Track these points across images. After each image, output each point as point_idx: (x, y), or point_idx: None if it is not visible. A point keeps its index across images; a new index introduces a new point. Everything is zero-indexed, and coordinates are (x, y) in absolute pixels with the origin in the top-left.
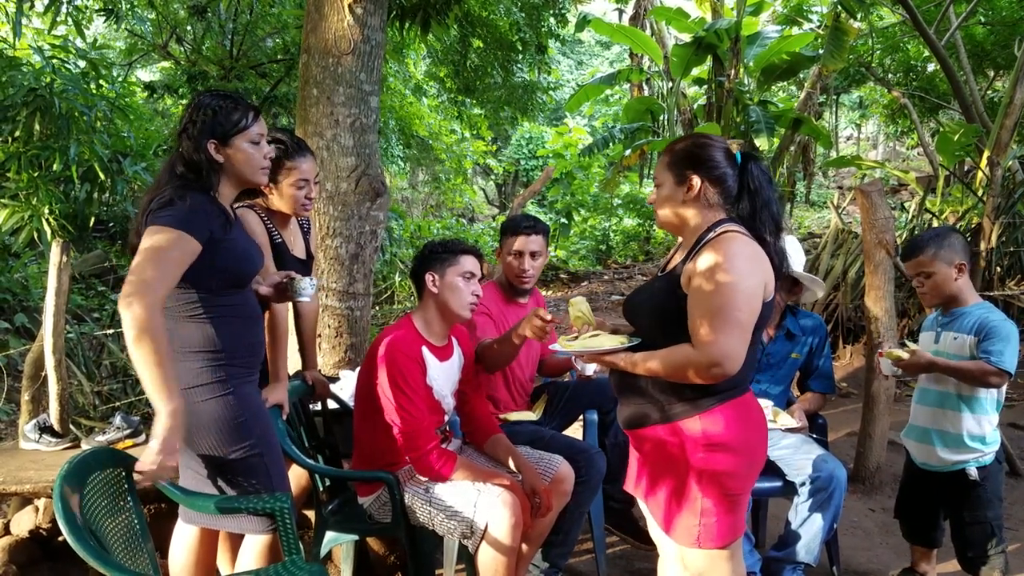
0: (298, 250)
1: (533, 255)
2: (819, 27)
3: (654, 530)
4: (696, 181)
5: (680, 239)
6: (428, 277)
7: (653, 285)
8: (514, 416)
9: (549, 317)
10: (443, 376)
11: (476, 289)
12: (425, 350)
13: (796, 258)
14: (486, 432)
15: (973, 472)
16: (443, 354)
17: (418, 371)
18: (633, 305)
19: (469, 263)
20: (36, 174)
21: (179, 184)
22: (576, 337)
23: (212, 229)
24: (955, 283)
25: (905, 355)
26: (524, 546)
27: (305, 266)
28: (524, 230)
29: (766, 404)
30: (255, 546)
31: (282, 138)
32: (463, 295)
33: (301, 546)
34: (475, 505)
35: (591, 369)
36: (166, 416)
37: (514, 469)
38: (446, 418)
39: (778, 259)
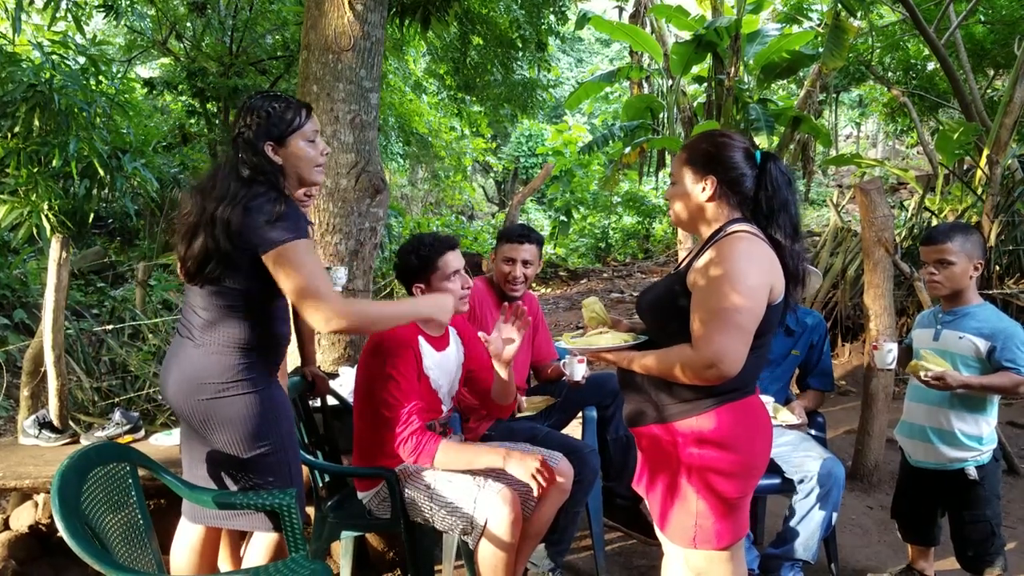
0: None
1: (525, 263)
2: (819, 25)
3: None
4: (712, 181)
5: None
6: (416, 291)
7: (662, 283)
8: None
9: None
10: (440, 366)
11: (466, 282)
12: (421, 339)
13: None
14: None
15: (972, 472)
16: (440, 344)
17: (412, 357)
18: (641, 303)
19: (452, 261)
20: (35, 170)
21: (262, 191)
22: (583, 335)
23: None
24: (969, 279)
25: (930, 367)
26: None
27: None
28: (518, 239)
29: (767, 400)
30: (262, 544)
31: None
32: (455, 294)
33: (307, 543)
34: (475, 501)
35: (579, 375)
36: (426, 307)
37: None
38: (444, 408)
39: (793, 263)
